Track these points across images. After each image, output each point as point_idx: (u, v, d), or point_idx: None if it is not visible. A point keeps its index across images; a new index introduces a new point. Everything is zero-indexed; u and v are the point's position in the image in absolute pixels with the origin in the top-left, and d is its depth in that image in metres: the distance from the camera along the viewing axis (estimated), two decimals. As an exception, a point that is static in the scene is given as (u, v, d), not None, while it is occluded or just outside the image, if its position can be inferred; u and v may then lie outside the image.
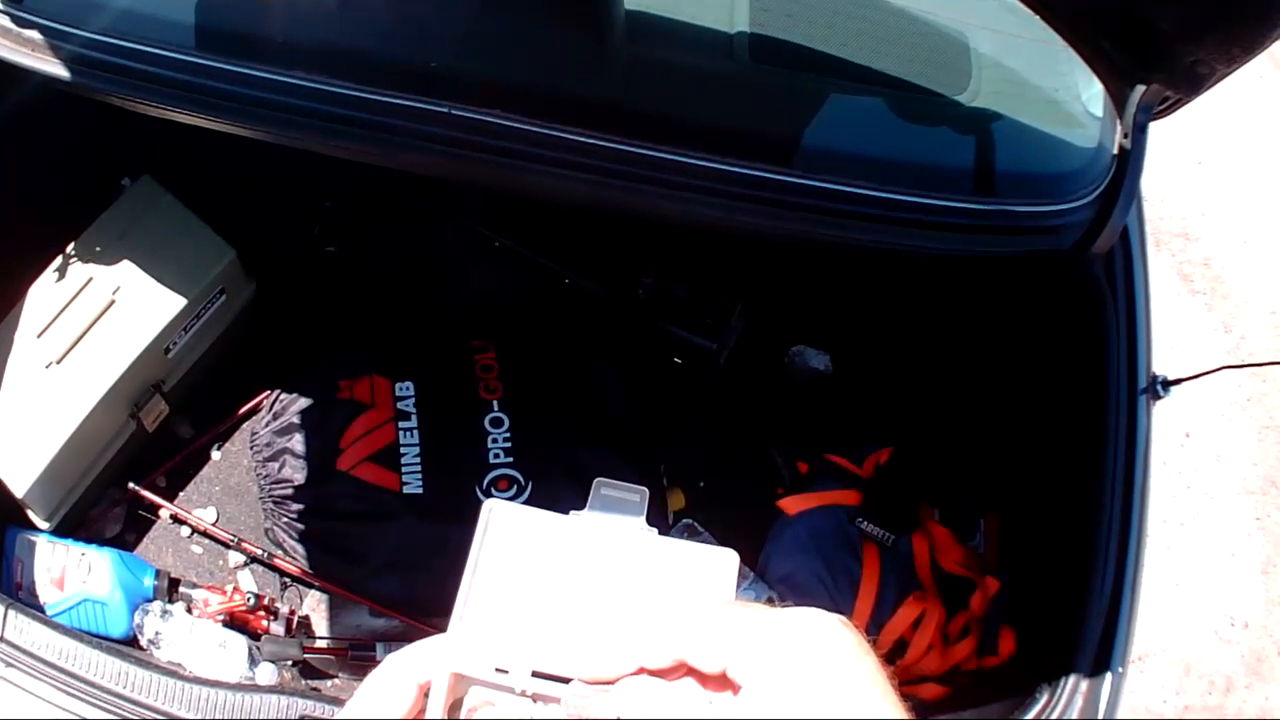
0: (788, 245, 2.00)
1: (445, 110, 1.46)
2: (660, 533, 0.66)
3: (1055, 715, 1.35)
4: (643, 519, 0.67)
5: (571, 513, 0.66)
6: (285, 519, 1.90)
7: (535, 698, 0.59)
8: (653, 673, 0.55)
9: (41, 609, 1.75)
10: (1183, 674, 2.60)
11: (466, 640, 0.60)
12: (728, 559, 0.64)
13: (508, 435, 1.94)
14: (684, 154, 1.47)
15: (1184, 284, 3.22)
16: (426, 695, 0.57)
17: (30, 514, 1.83)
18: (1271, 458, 2.92)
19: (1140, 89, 1.29)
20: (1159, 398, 1.56)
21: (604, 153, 1.47)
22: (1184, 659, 2.62)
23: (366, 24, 1.63)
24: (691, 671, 0.54)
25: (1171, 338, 3.06)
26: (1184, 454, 2.88)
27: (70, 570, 1.79)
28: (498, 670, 0.59)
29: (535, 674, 0.59)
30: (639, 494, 0.68)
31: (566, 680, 0.58)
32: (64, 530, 1.88)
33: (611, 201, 1.53)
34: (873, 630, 1.88)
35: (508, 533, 0.65)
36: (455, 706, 0.59)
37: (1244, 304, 3.19)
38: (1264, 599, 2.73)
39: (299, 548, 1.90)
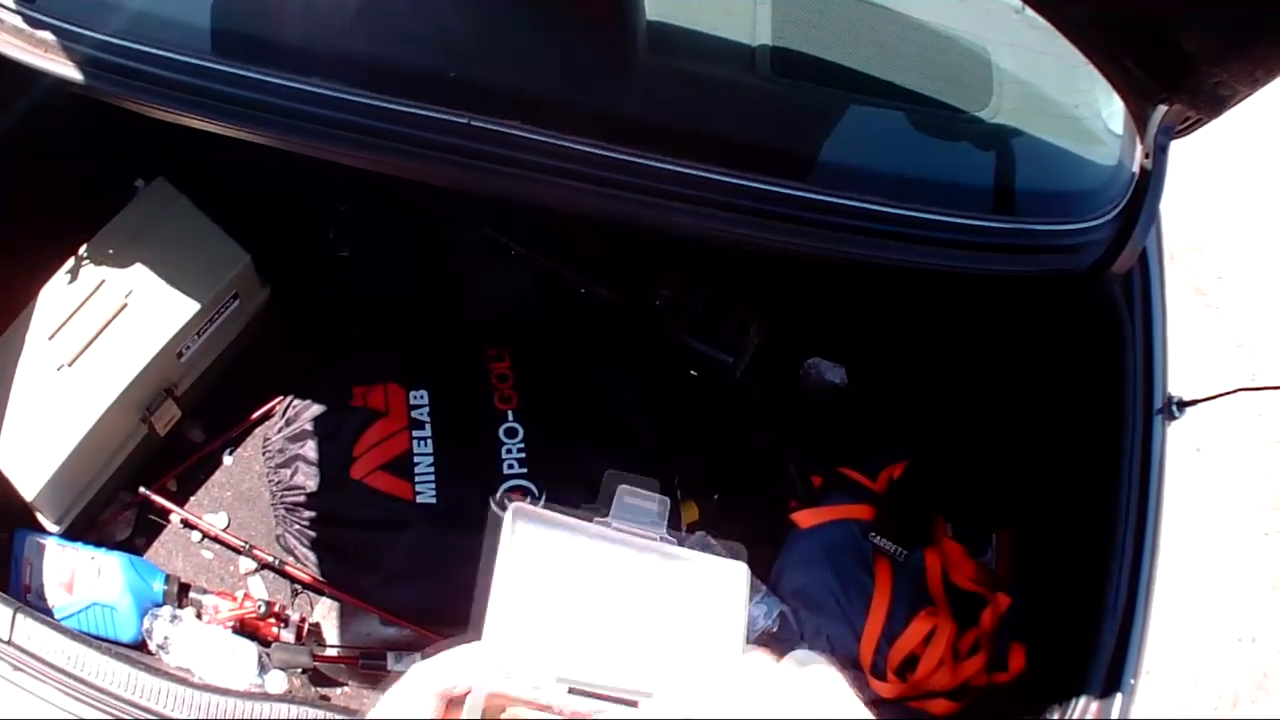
0: (805, 259, 1.99)
1: (464, 121, 1.44)
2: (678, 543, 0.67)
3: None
4: (664, 528, 0.68)
5: (595, 520, 0.67)
6: (297, 526, 1.90)
7: (572, 715, 0.60)
8: None
9: (50, 612, 1.75)
10: (1190, 688, 2.59)
11: (498, 656, 0.61)
12: (738, 572, 0.66)
13: (522, 446, 1.93)
14: (703, 168, 1.46)
15: (1198, 297, 3.20)
16: (450, 705, 0.58)
17: (40, 517, 1.83)
18: (1282, 472, 2.91)
19: (1162, 109, 1.28)
20: (1174, 419, 1.55)
21: (623, 166, 1.45)
22: (1191, 674, 2.61)
23: (385, 32, 1.61)
24: None
25: (1185, 352, 3.05)
26: (1194, 468, 2.87)
27: (80, 574, 1.79)
28: (534, 688, 0.60)
29: (571, 691, 0.61)
30: (660, 502, 0.68)
31: (599, 696, 0.60)
32: (74, 533, 1.87)
33: (630, 215, 1.51)
34: (884, 645, 1.87)
35: (532, 538, 0.65)
36: None
37: (1258, 318, 3.17)
38: (1273, 614, 2.71)
39: (310, 555, 1.89)
